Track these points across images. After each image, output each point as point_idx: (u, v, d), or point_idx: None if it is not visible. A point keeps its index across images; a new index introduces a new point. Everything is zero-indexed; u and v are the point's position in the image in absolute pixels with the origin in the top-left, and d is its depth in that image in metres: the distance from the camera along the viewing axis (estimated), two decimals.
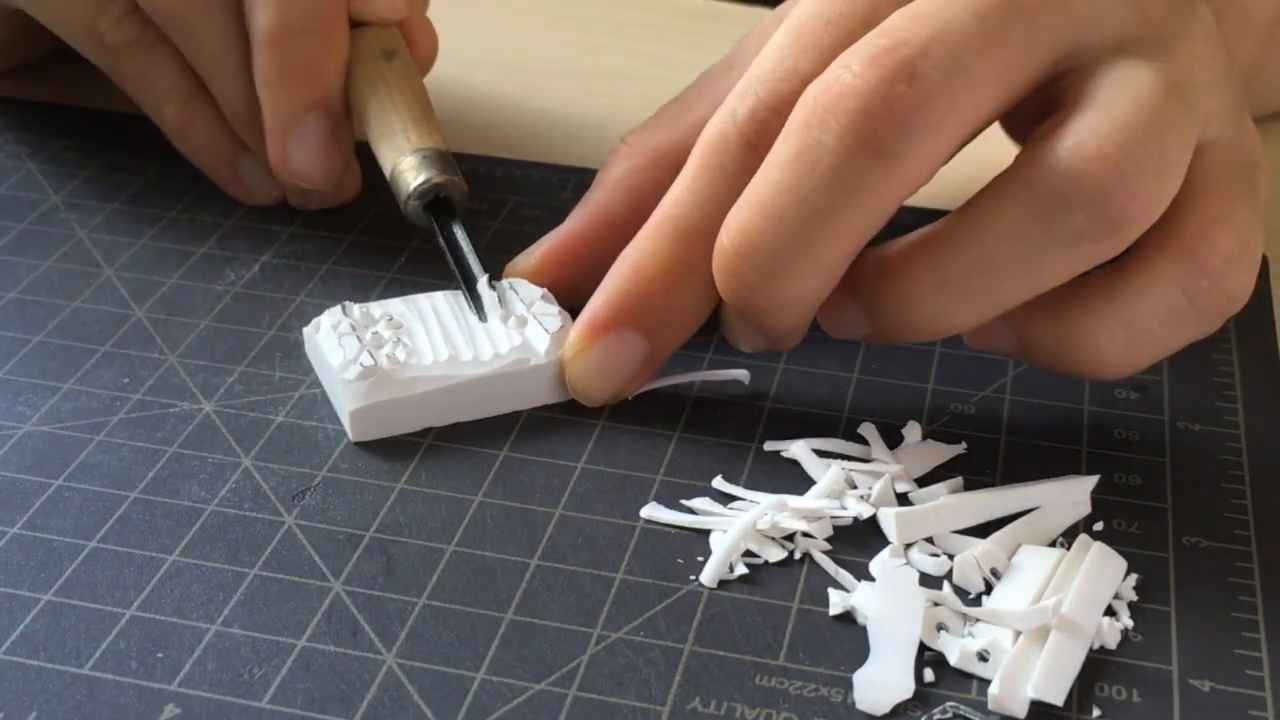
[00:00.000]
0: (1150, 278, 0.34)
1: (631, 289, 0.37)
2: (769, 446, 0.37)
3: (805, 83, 0.34)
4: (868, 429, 0.37)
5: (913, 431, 0.37)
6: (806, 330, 0.37)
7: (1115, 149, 0.32)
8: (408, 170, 0.42)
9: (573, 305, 0.39)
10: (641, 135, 0.42)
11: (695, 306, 0.37)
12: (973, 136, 0.34)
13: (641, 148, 0.41)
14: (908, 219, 0.36)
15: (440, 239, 0.42)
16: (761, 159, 0.35)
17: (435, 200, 0.42)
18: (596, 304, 0.38)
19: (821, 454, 0.37)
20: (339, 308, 0.39)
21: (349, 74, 0.45)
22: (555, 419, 0.38)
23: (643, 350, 0.37)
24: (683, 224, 0.37)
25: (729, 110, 0.36)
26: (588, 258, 0.40)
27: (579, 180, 0.49)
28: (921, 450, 0.37)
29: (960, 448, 0.37)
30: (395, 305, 0.40)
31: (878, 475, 0.36)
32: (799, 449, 0.37)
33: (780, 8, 0.41)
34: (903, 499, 0.36)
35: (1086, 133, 0.32)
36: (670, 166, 0.39)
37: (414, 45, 0.47)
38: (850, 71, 0.33)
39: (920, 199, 0.35)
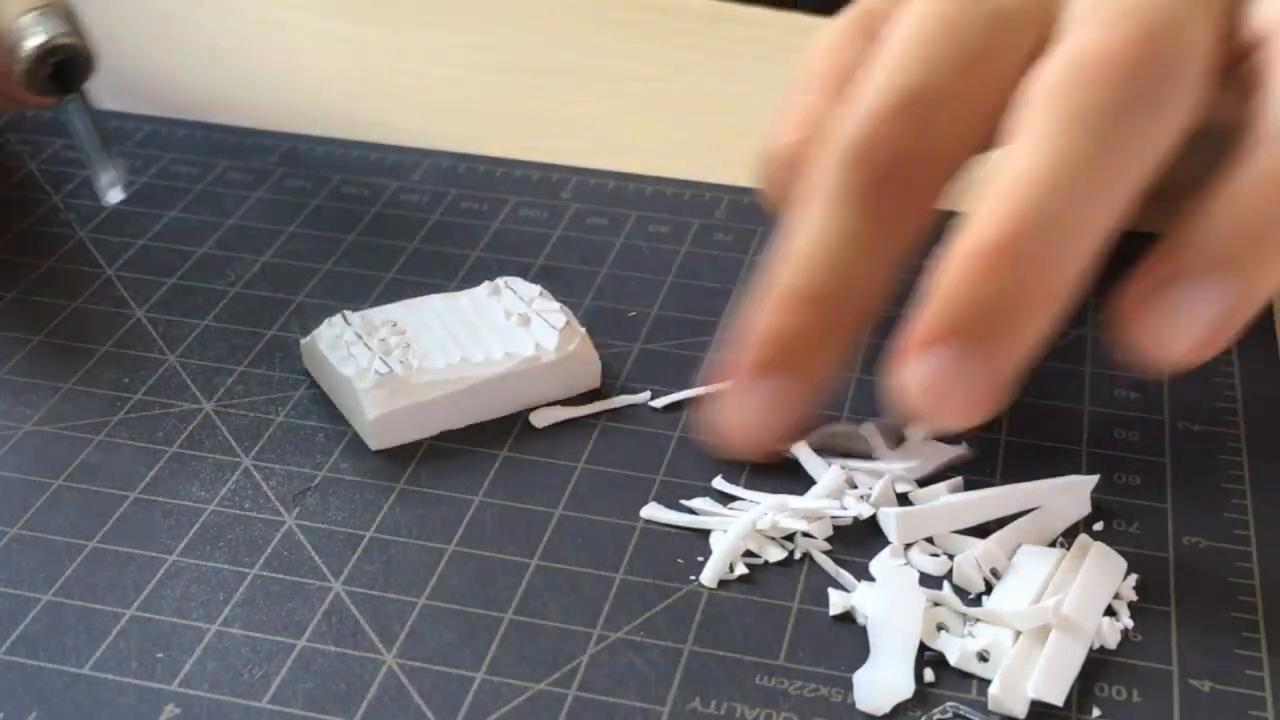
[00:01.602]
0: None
1: (764, 330, 0.35)
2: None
3: (913, 96, 0.34)
4: (869, 429, 0.37)
5: (915, 432, 0.37)
6: None
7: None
8: (28, 26, 0.38)
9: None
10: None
11: (834, 346, 0.36)
12: None
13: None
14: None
15: (66, 112, 0.39)
16: (881, 176, 0.34)
17: (60, 65, 0.39)
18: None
19: (823, 453, 0.37)
20: (338, 317, 0.39)
21: None
22: (555, 419, 0.38)
23: (794, 392, 0.36)
24: (807, 258, 0.35)
25: (840, 131, 0.35)
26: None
27: (579, 180, 0.49)
28: (924, 450, 0.37)
29: (962, 448, 0.37)
30: (394, 310, 0.40)
31: (878, 475, 0.36)
32: (800, 449, 0.37)
33: None
34: (903, 499, 0.36)
35: None
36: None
37: None
38: (1104, 32, 0.32)
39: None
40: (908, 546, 0.34)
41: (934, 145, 0.34)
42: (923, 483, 0.36)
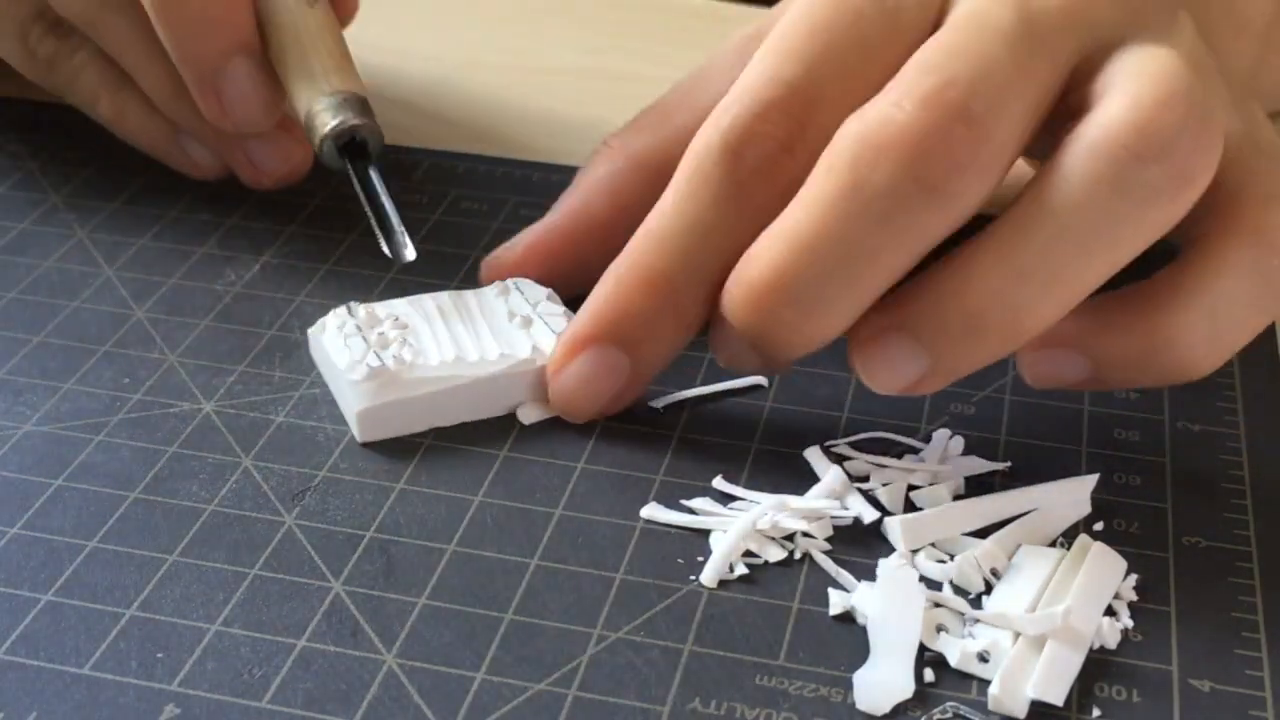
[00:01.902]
0: (1223, 263, 0.34)
1: (614, 304, 0.37)
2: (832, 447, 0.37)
3: (792, 90, 0.34)
4: (940, 434, 0.37)
5: (956, 444, 0.37)
6: None
7: (1169, 97, 0.32)
8: (324, 111, 0.42)
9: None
10: (624, 138, 0.42)
11: (680, 324, 0.37)
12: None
13: (625, 152, 0.41)
14: None
15: (355, 183, 0.42)
16: (747, 170, 0.35)
17: (351, 144, 0.42)
18: (579, 319, 0.37)
19: (865, 447, 0.37)
20: (344, 308, 0.39)
21: (268, 22, 0.44)
22: (555, 419, 0.38)
23: (625, 367, 0.37)
24: (669, 239, 0.36)
25: (714, 122, 0.36)
26: (570, 255, 0.41)
27: None
28: (963, 464, 0.37)
29: (1004, 465, 0.37)
30: (400, 305, 0.40)
31: (906, 471, 0.36)
32: (814, 453, 0.37)
33: (744, 30, 0.41)
34: (906, 501, 0.36)
35: (1135, 94, 0.32)
36: (653, 172, 0.39)
37: None
38: (902, 110, 0.32)
39: None
40: (914, 552, 0.34)
41: (808, 141, 0.34)
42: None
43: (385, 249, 0.41)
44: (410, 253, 0.41)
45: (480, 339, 0.38)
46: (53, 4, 0.45)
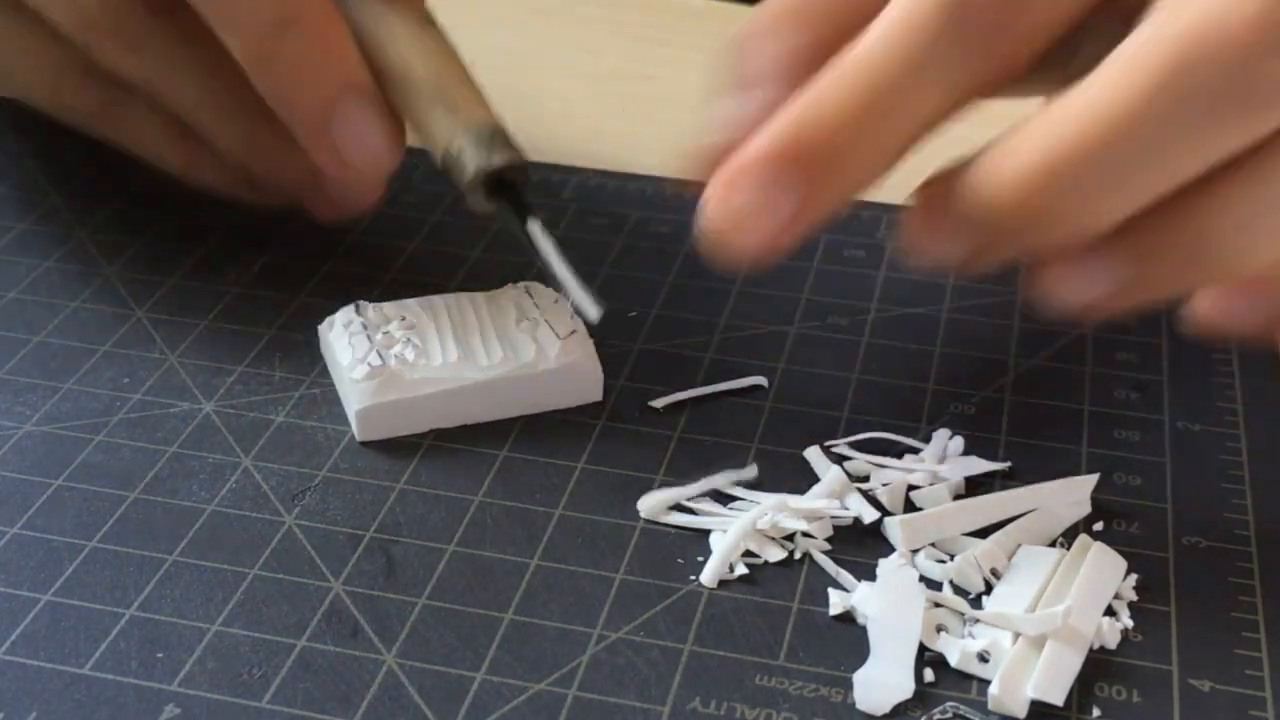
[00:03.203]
0: None
1: (802, 128, 0.32)
2: (832, 446, 0.37)
3: None
4: (940, 434, 0.37)
5: (956, 444, 0.37)
6: None
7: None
8: (469, 149, 0.38)
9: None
10: None
11: (874, 159, 0.33)
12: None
13: None
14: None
15: (518, 229, 0.38)
16: (975, 11, 0.31)
17: (498, 183, 0.38)
18: (755, 141, 0.32)
19: (865, 447, 0.37)
20: (352, 306, 0.39)
21: (378, 52, 0.40)
22: (555, 419, 0.38)
23: (796, 201, 0.32)
24: (880, 64, 0.32)
25: None
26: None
27: (579, 180, 0.49)
28: (963, 464, 0.37)
29: (1004, 465, 0.37)
30: (410, 305, 0.39)
31: (906, 471, 0.36)
32: (814, 452, 0.37)
33: None
34: (906, 501, 0.36)
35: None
36: None
37: None
38: (1241, 13, 0.29)
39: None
40: (914, 552, 0.34)
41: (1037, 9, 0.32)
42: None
43: (572, 305, 0.37)
44: (597, 311, 0.36)
45: (487, 341, 0.38)
46: (104, 65, 0.41)
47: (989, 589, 0.33)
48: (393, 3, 0.41)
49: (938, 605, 0.32)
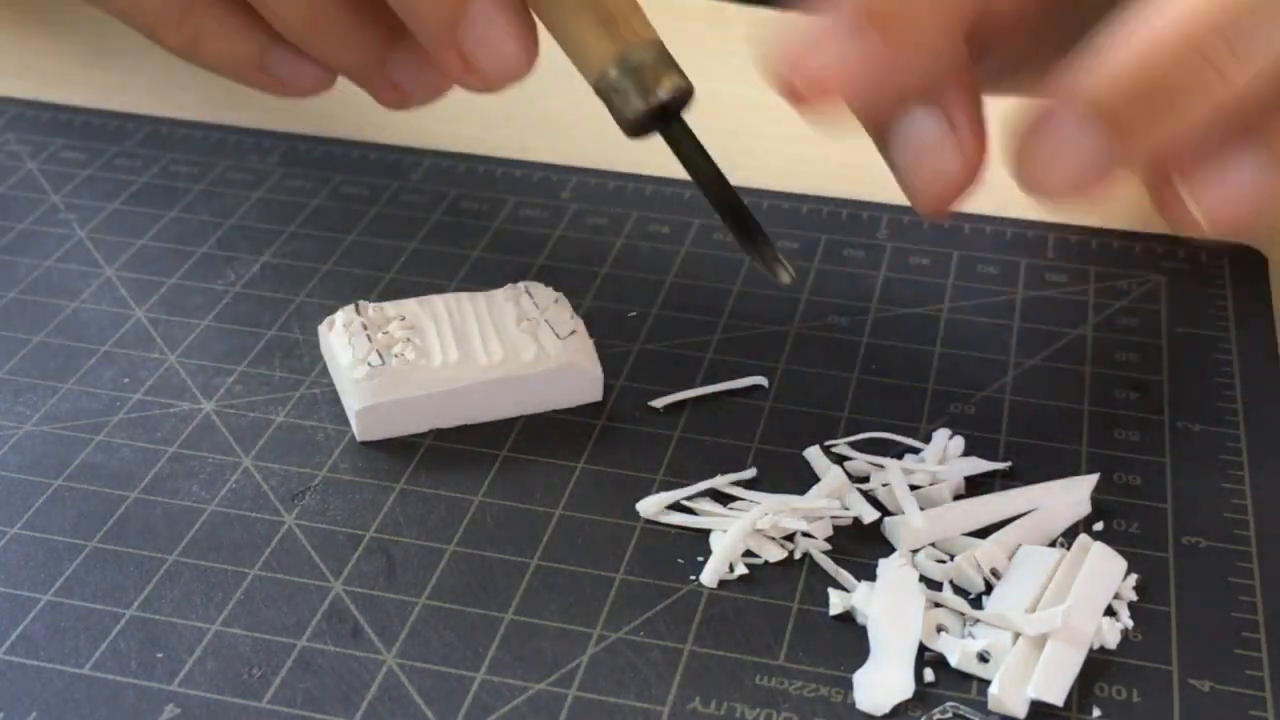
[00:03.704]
0: None
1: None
2: (835, 446, 0.37)
3: None
4: (940, 434, 0.37)
5: (956, 444, 0.37)
6: None
7: None
8: (636, 71, 0.34)
9: None
10: None
11: (943, 33, 0.32)
12: None
13: None
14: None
15: (684, 164, 0.35)
16: None
17: (663, 110, 0.34)
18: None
19: (865, 447, 0.37)
20: (352, 306, 0.39)
21: None
22: (555, 419, 0.38)
23: (877, 56, 0.31)
24: None
25: None
26: None
27: (579, 180, 0.49)
28: (963, 464, 0.37)
29: (1004, 465, 0.37)
30: (410, 305, 0.39)
31: (905, 471, 0.36)
32: (814, 453, 0.37)
33: None
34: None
35: None
36: None
37: None
38: None
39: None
40: (914, 552, 0.34)
41: None
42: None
43: (755, 261, 0.34)
44: (785, 275, 0.34)
45: (487, 342, 0.38)
46: None
47: (989, 589, 0.33)
48: None
49: (938, 605, 0.32)
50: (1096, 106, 0.31)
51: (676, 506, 0.35)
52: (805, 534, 0.34)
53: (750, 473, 0.36)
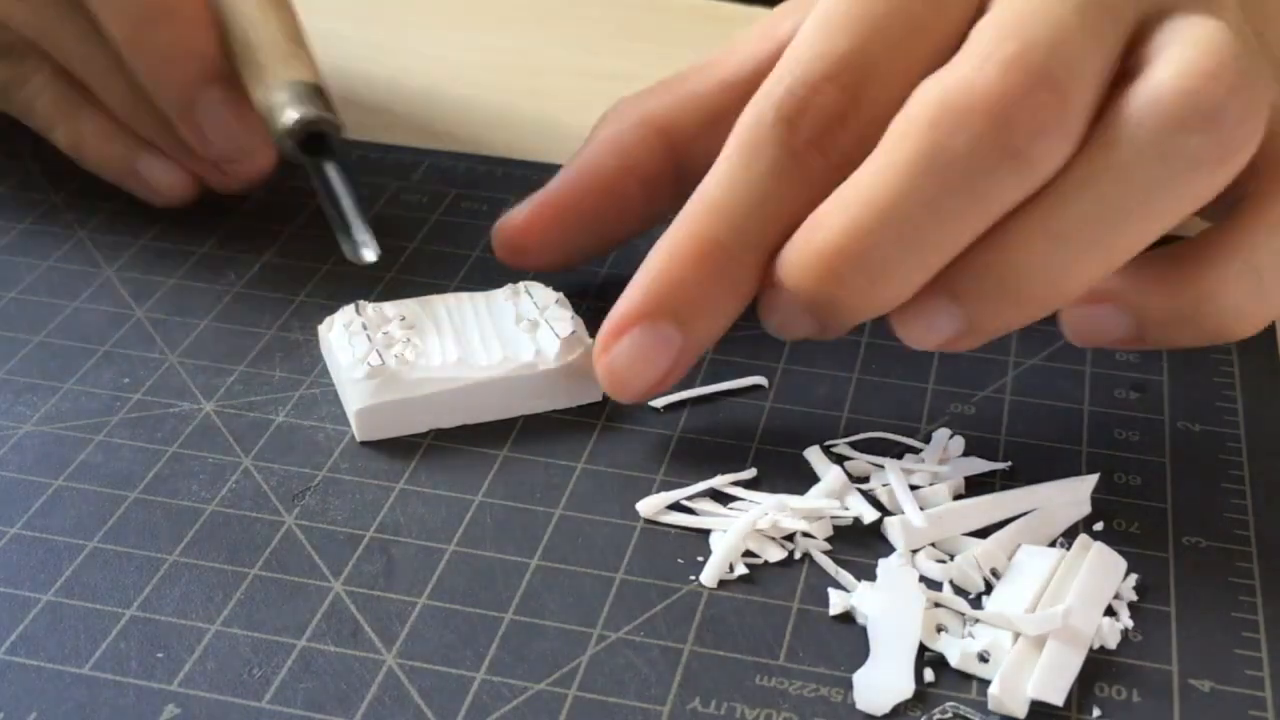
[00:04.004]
0: (1266, 220, 0.33)
1: (665, 277, 0.35)
2: (834, 446, 0.37)
3: (843, 63, 0.34)
4: (940, 434, 0.37)
5: (956, 444, 0.37)
6: None
7: (1218, 68, 0.31)
8: (281, 106, 0.40)
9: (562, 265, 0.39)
10: (636, 99, 0.42)
11: (735, 295, 0.35)
12: None
13: (635, 111, 0.41)
14: None
15: (314, 179, 0.41)
16: (802, 140, 0.34)
17: (314, 137, 0.41)
18: (629, 294, 0.36)
19: (865, 447, 0.37)
20: (352, 306, 0.39)
21: (228, 18, 0.43)
22: (555, 419, 0.38)
23: (676, 342, 0.35)
24: (722, 209, 0.35)
25: (766, 93, 0.35)
26: (575, 215, 0.41)
27: None
28: (963, 464, 0.37)
29: (1004, 465, 0.37)
30: (409, 305, 0.39)
31: (905, 472, 0.36)
32: (814, 453, 0.37)
33: (777, 10, 0.41)
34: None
35: (1184, 62, 0.31)
36: (662, 132, 0.39)
37: None
38: (984, 75, 0.31)
39: None
40: (914, 552, 0.34)
41: (861, 114, 0.34)
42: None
43: (344, 250, 0.40)
44: (370, 253, 0.40)
45: (486, 342, 0.38)
46: (1, 18, 0.44)
47: (989, 589, 0.33)
48: None
49: (938, 605, 0.32)
50: (790, 298, 0.35)
51: (676, 506, 0.35)
52: (805, 534, 0.34)
53: (750, 473, 0.36)
